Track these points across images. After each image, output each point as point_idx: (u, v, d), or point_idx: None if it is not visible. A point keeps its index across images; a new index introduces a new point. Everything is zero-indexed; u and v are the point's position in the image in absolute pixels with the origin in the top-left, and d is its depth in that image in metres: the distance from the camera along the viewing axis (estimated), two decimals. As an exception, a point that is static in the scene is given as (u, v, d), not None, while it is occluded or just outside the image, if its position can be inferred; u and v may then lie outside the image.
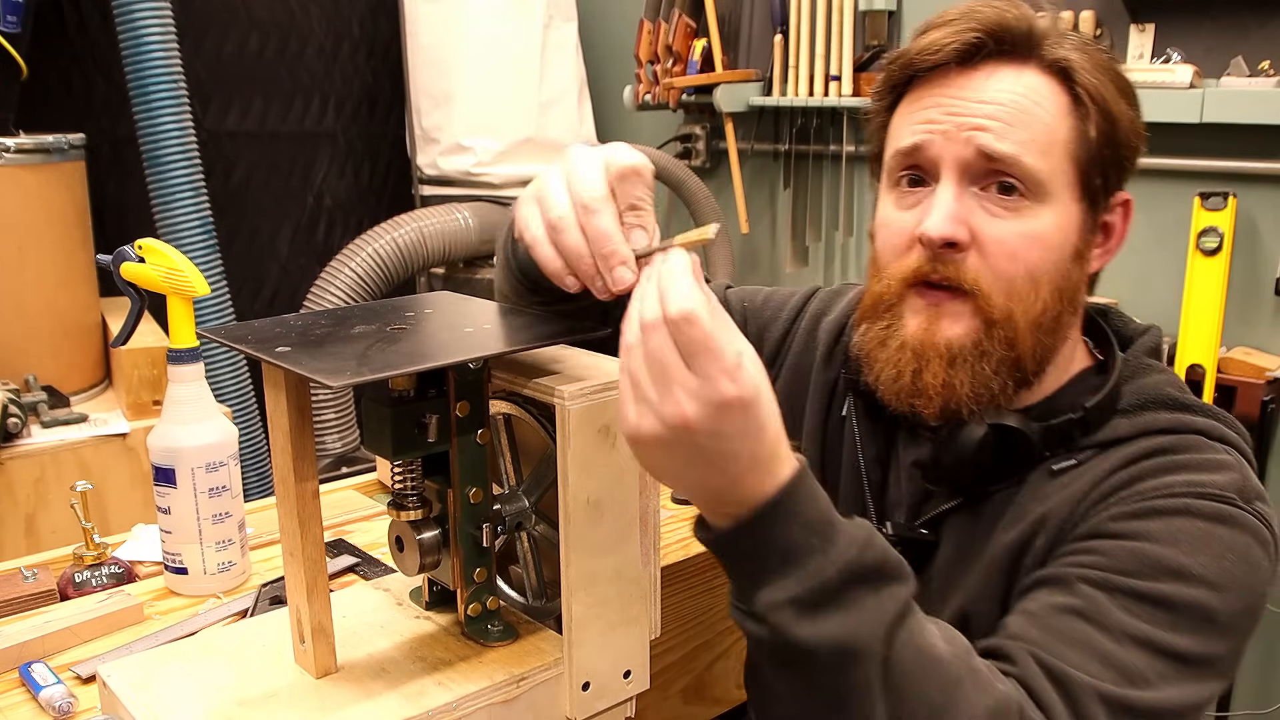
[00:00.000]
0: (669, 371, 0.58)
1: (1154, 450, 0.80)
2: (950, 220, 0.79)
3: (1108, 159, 0.82)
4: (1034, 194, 0.79)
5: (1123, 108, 0.82)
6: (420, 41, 2.90)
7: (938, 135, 0.80)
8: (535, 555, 0.83)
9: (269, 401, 0.69)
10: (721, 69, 2.77)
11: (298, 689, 0.71)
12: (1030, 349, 0.81)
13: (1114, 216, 0.86)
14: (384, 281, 2.77)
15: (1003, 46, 0.81)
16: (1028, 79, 0.81)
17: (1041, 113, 0.80)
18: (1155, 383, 0.85)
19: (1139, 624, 0.70)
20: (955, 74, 0.81)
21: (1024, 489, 0.83)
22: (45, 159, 2.05)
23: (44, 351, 2.08)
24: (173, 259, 1.07)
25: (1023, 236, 0.79)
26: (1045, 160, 0.79)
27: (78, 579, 1.10)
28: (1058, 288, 0.81)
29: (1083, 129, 0.80)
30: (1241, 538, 0.74)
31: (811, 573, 0.61)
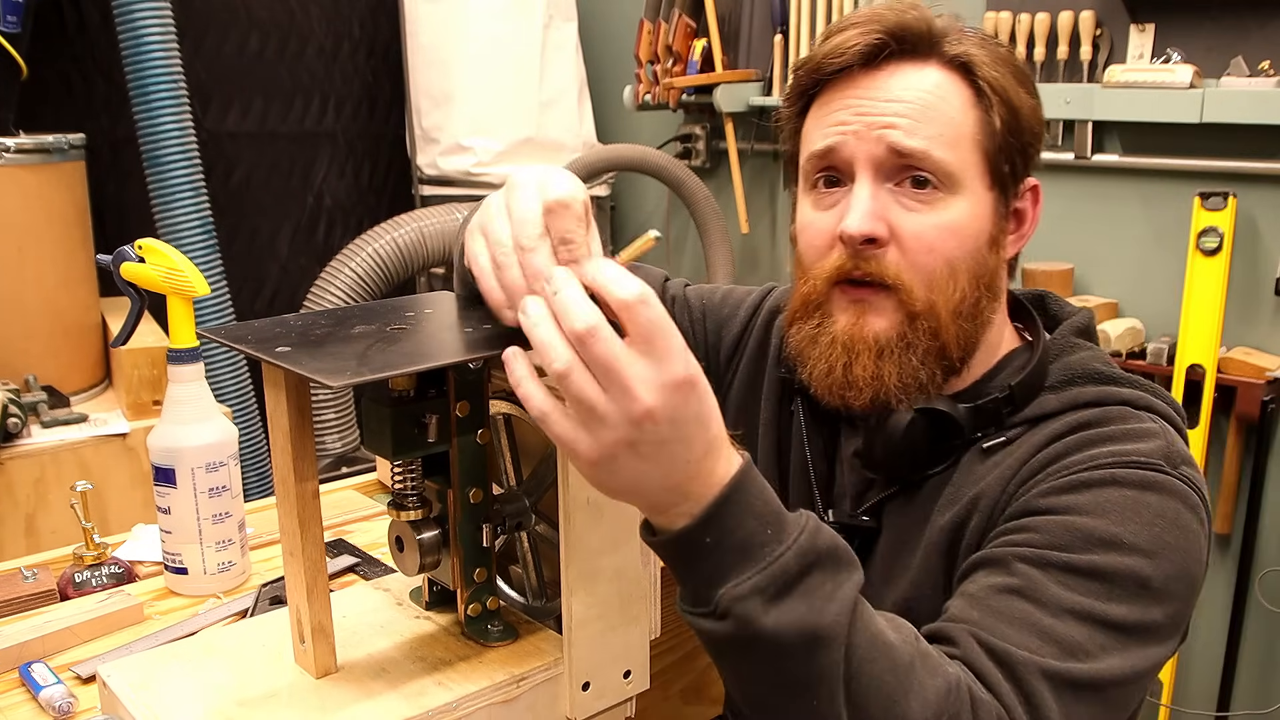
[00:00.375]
0: (621, 369, 0.58)
1: (1080, 424, 0.82)
2: (868, 217, 0.82)
3: (1013, 147, 0.85)
4: (946, 186, 0.82)
5: (1023, 97, 0.85)
6: (420, 41, 2.90)
7: (850, 136, 0.83)
8: (535, 555, 0.83)
9: (269, 401, 0.69)
10: (721, 69, 2.77)
11: (298, 689, 0.71)
12: (954, 336, 0.84)
13: (1024, 203, 0.89)
14: (384, 281, 2.77)
15: (904, 46, 0.84)
16: (931, 75, 0.84)
17: (946, 107, 0.83)
18: (1081, 359, 0.88)
19: (1076, 597, 0.72)
20: (861, 75, 0.84)
21: (957, 470, 0.86)
22: (45, 159, 2.05)
23: (44, 351, 2.08)
24: (173, 259, 1.07)
25: (938, 228, 0.82)
26: (954, 152, 0.82)
27: (78, 579, 1.10)
28: (975, 275, 0.84)
29: (987, 120, 0.83)
30: (1170, 503, 0.76)
31: (771, 562, 0.62)
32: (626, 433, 0.59)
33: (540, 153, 2.89)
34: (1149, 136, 2.14)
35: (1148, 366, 2.08)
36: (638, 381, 0.58)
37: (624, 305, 0.58)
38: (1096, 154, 2.20)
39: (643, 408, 0.58)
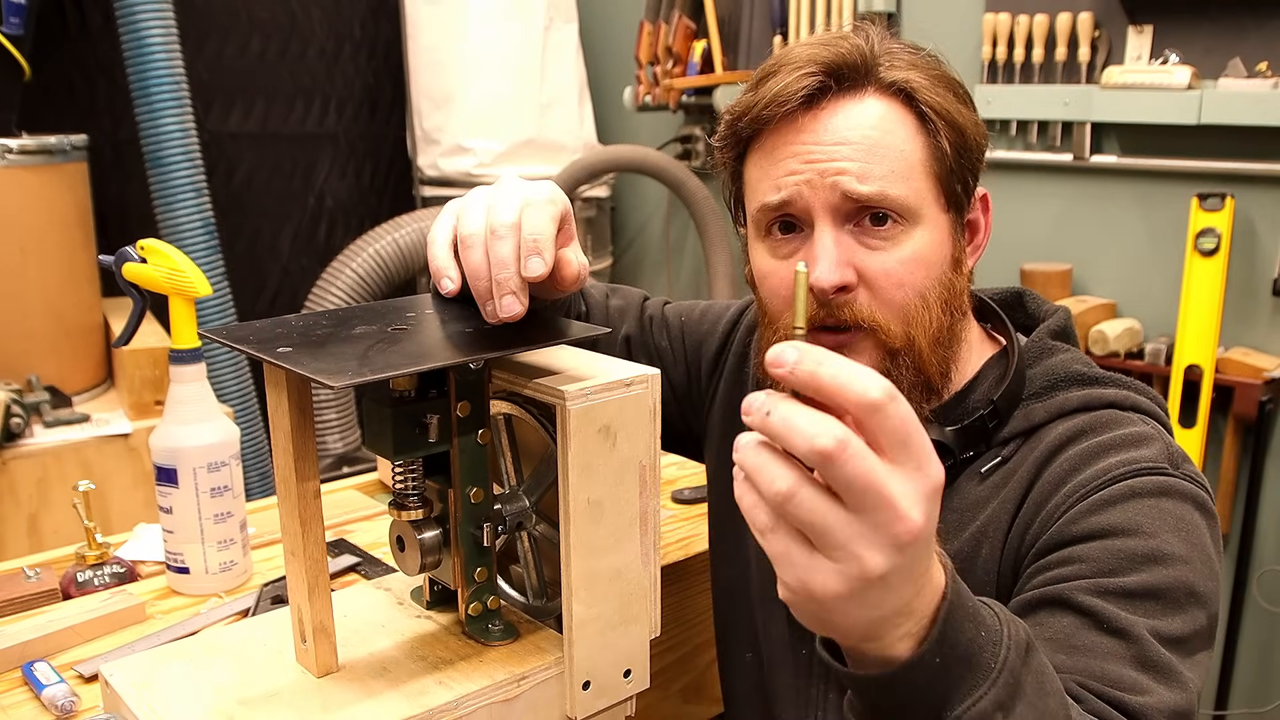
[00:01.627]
0: (883, 487, 0.47)
1: (1074, 434, 0.82)
2: (835, 267, 0.80)
3: (963, 167, 0.83)
4: (905, 219, 0.81)
5: (965, 114, 0.83)
6: (421, 43, 2.91)
7: (803, 186, 0.81)
8: (536, 555, 0.84)
9: (270, 402, 0.69)
10: (721, 70, 2.77)
11: (299, 688, 0.72)
12: (935, 366, 0.84)
13: (976, 214, 0.88)
14: (385, 282, 2.78)
15: (843, 83, 0.81)
16: (872, 108, 0.81)
17: (894, 140, 0.81)
18: (1061, 362, 0.87)
19: (1144, 619, 0.72)
20: (802, 118, 0.81)
21: (955, 494, 0.85)
22: (48, 160, 2.05)
23: (46, 352, 2.09)
24: (174, 259, 1.07)
25: (904, 263, 0.81)
26: (908, 185, 0.80)
27: (80, 578, 1.10)
28: (945, 301, 0.83)
29: (935, 145, 0.82)
30: (1184, 506, 0.77)
31: (1000, 669, 0.54)
32: (886, 562, 0.48)
33: (541, 154, 2.90)
34: (1147, 138, 2.14)
35: (1146, 367, 2.09)
36: (902, 495, 0.47)
37: (873, 407, 0.47)
38: (1094, 155, 2.20)
39: (910, 527, 0.47)
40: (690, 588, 1.25)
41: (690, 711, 1.29)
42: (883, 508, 0.47)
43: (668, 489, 1.41)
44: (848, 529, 0.47)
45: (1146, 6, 2.10)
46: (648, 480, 0.74)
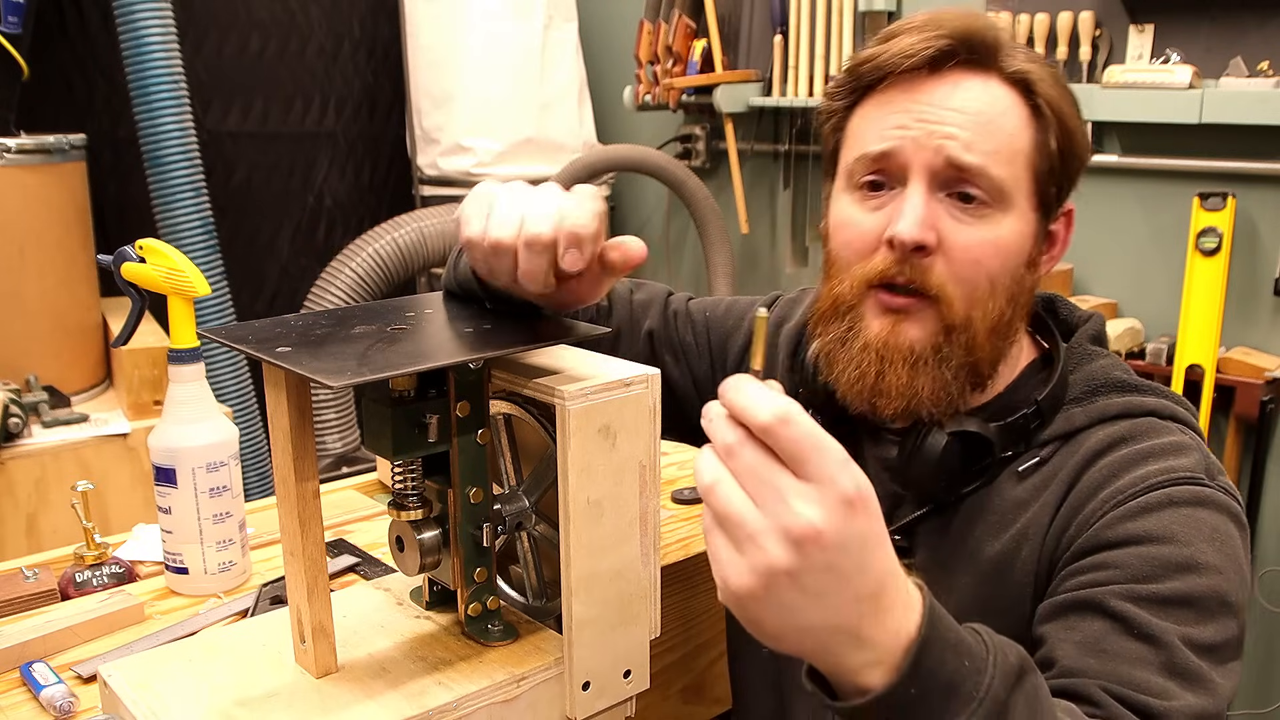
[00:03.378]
0: (778, 486, 0.51)
1: (1115, 440, 0.82)
2: (921, 225, 0.80)
3: (1063, 171, 0.84)
4: (996, 203, 0.81)
5: (1077, 122, 0.84)
6: (420, 42, 2.90)
7: (908, 141, 0.81)
8: (535, 555, 0.83)
9: (269, 402, 0.69)
10: (721, 69, 2.77)
11: (298, 689, 0.72)
12: (988, 354, 0.84)
13: (1058, 225, 0.88)
14: (384, 282, 2.77)
15: (971, 55, 0.82)
16: (993, 89, 0.82)
17: (1006, 123, 0.81)
18: (1102, 368, 0.87)
19: (1177, 627, 0.72)
20: (924, 80, 0.82)
21: (994, 494, 0.85)
22: (46, 159, 2.05)
23: (45, 351, 2.09)
24: (173, 259, 1.07)
25: (985, 243, 0.81)
26: (1008, 170, 0.81)
27: (79, 579, 1.10)
28: (1012, 294, 0.83)
29: (1043, 140, 0.82)
30: (1219, 517, 0.77)
31: (983, 697, 0.56)
32: (785, 556, 0.51)
33: (540, 153, 2.90)
34: (1148, 137, 2.14)
35: (1147, 366, 2.09)
36: (797, 498, 0.51)
37: (762, 429, 0.51)
38: (1096, 154, 2.20)
39: (809, 527, 0.50)
40: (690, 588, 1.24)
41: (690, 712, 1.29)
42: (779, 502, 0.51)
43: (668, 489, 1.40)
44: (753, 523, 0.51)
45: (1148, 6, 2.09)
46: (648, 480, 0.74)
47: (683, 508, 1.37)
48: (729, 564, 0.53)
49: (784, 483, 0.51)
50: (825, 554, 0.51)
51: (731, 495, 0.52)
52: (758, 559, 0.51)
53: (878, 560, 0.53)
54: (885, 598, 0.54)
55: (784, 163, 2.82)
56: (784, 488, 0.51)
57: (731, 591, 0.53)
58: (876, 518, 0.53)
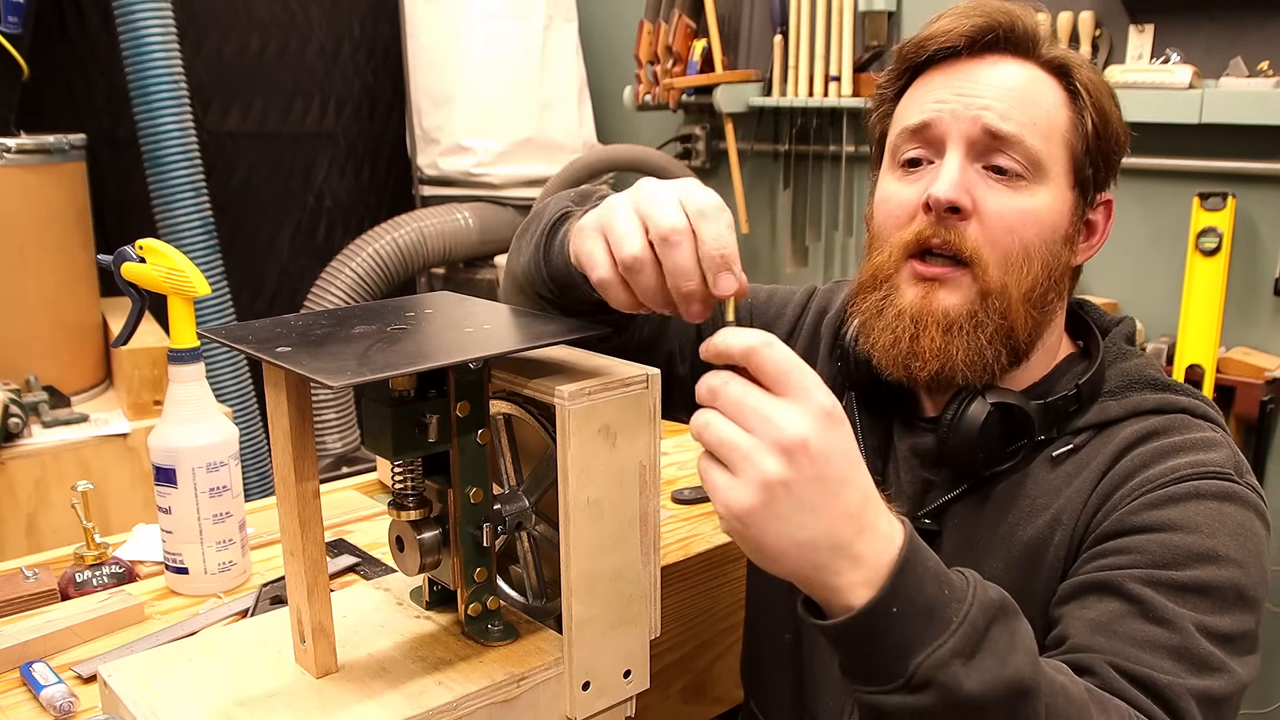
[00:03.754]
0: (762, 407, 0.57)
1: (1149, 432, 0.84)
2: (955, 186, 0.82)
3: (1099, 152, 0.86)
4: (1032, 174, 0.83)
5: (1113, 108, 0.87)
6: (420, 42, 2.90)
7: (945, 113, 0.84)
8: (535, 555, 0.83)
9: (269, 402, 0.69)
10: (721, 69, 2.77)
11: (298, 689, 0.72)
12: (1023, 321, 0.84)
13: (1097, 215, 0.90)
14: (384, 282, 2.77)
15: (1010, 39, 0.85)
16: (1031, 71, 0.85)
17: (1043, 99, 0.84)
18: (1136, 365, 0.90)
19: (1192, 613, 0.73)
20: (965, 61, 0.86)
21: (1028, 478, 0.86)
22: (46, 159, 2.05)
23: (45, 352, 2.09)
24: (173, 259, 1.07)
25: (1020, 212, 0.83)
26: (1045, 144, 0.83)
27: (79, 579, 1.10)
28: (1048, 266, 0.85)
29: (1079, 120, 0.85)
30: (1245, 513, 0.78)
31: (961, 622, 0.59)
32: (779, 466, 0.56)
33: (540, 153, 2.90)
34: (1148, 137, 2.14)
35: (1147, 367, 2.09)
36: (780, 412, 0.57)
37: (745, 353, 0.58)
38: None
39: (797, 436, 0.56)
40: (690, 588, 1.24)
41: (690, 712, 1.29)
42: (765, 420, 0.57)
43: (668, 489, 1.40)
44: (745, 443, 0.57)
45: (1147, 6, 2.09)
46: (648, 480, 0.74)
47: (683, 508, 1.37)
48: (728, 489, 0.58)
49: (768, 403, 0.57)
50: (814, 463, 0.57)
51: (722, 426, 0.58)
52: (753, 474, 0.57)
53: (859, 475, 0.59)
54: (869, 513, 0.59)
55: (784, 163, 2.82)
56: (768, 407, 0.57)
57: (734, 513, 0.58)
58: (851, 434, 0.59)
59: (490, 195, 2.90)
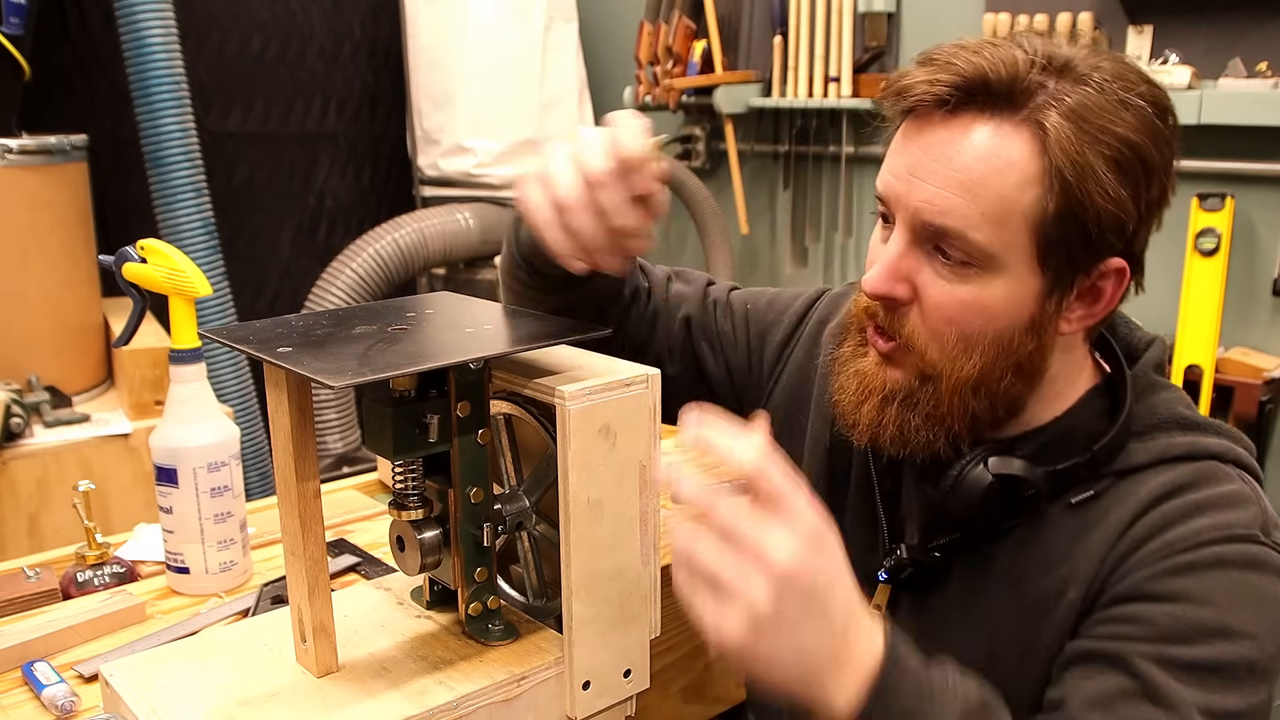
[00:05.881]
0: (755, 532, 0.59)
1: (1174, 487, 0.78)
2: (888, 278, 0.78)
3: (1072, 236, 0.75)
4: (981, 264, 0.76)
5: (1106, 182, 0.73)
6: (421, 43, 2.91)
7: (896, 190, 0.78)
8: (536, 555, 0.84)
9: (270, 402, 0.70)
10: (721, 70, 2.77)
11: (299, 688, 0.72)
12: (956, 410, 0.80)
13: (1105, 283, 0.79)
14: (385, 282, 2.78)
15: (987, 96, 0.75)
16: (1002, 138, 0.74)
17: (1000, 181, 0.74)
18: (1166, 401, 0.84)
19: (1195, 694, 0.71)
20: (937, 120, 0.76)
21: (1043, 525, 0.81)
22: (48, 160, 2.05)
23: (46, 352, 2.09)
24: (174, 259, 1.07)
25: (962, 303, 0.77)
26: (997, 233, 0.74)
27: (80, 578, 1.10)
28: (998, 357, 0.78)
29: (1045, 202, 0.74)
30: (1268, 579, 0.75)
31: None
32: (769, 600, 0.58)
33: (541, 154, 2.90)
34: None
35: (1147, 367, 2.09)
36: (774, 539, 0.59)
37: (754, 473, 0.59)
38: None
39: (782, 567, 0.58)
40: (690, 588, 1.24)
41: (690, 712, 1.29)
42: (757, 551, 0.59)
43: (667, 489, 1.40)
44: (734, 572, 0.59)
45: (1146, 6, 2.10)
46: (648, 480, 0.74)
47: (683, 508, 1.37)
48: (718, 617, 0.60)
49: (759, 531, 0.59)
50: (802, 592, 0.59)
51: (711, 556, 0.60)
52: (744, 606, 0.59)
53: (844, 589, 0.62)
54: (856, 618, 0.62)
55: (784, 163, 2.82)
56: (760, 537, 0.59)
57: (724, 641, 0.60)
58: (838, 548, 0.61)
59: (491, 196, 2.91)
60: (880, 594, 0.88)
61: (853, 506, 0.93)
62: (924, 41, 2.49)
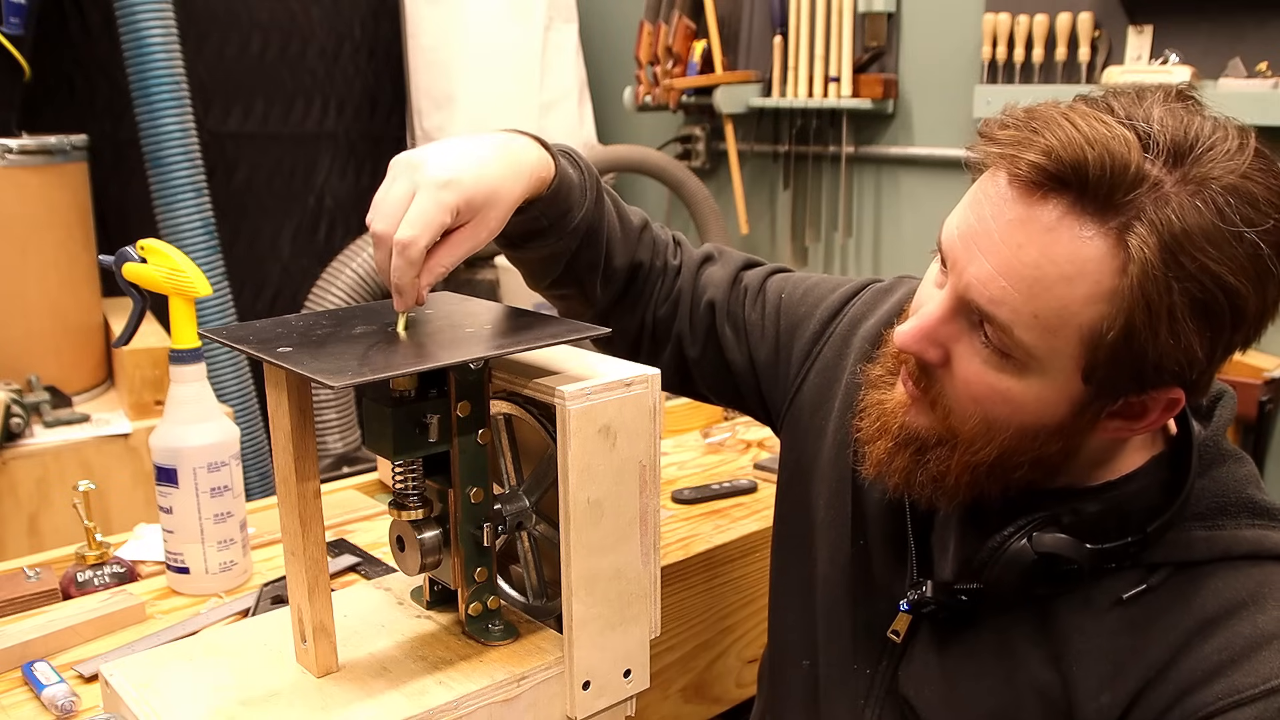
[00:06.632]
0: None
1: (1237, 604, 0.71)
2: (921, 339, 0.73)
3: (1124, 365, 0.67)
4: (1022, 361, 0.69)
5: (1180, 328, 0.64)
6: (421, 43, 2.91)
7: (959, 253, 0.70)
8: (536, 555, 0.84)
9: (270, 402, 0.70)
10: (721, 70, 2.77)
11: (299, 688, 0.72)
12: (965, 484, 0.75)
13: (1153, 405, 0.71)
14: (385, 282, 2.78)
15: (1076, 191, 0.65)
16: (1080, 246, 0.65)
17: (1066, 290, 0.65)
18: (1233, 478, 0.76)
19: None
20: (1020, 189, 0.67)
21: (1087, 608, 0.75)
22: (48, 160, 2.05)
23: (46, 352, 2.09)
24: (174, 259, 1.07)
25: (993, 390, 0.71)
26: (1046, 338, 0.67)
27: (80, 578, 1.10)
28: (1020, 446, 0.73)
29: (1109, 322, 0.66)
30: None
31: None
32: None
33: (541, 154, 2.90)
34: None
35: (1147, 367, 2.09)
36: None
37: None
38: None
39: None
40: (690, 588, 1.25)
41: (690, 712, 1.29)
42: None
43: (668, 489, 1.41)
44: None
45: (1146, 6, 2.10)
46: (648, 480, 0.74)
47: (683, 507, 1.37)
48: None
49: None
50: None
51: None
52: None
53: None
54: None
55: (784, 163, 2.82)
56: None
57: None
58: None
59: (491, 196, 2.90)
60: (900, 621, 0.84)
61: (878, 522, 0.89)
62: (924, 41, 2.49)
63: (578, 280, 0.94)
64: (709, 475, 1.49)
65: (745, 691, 1.35)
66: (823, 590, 0.92)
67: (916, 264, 0.97)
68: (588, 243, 0.92)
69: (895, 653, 0.85)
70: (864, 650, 0.88)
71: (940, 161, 2.50)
